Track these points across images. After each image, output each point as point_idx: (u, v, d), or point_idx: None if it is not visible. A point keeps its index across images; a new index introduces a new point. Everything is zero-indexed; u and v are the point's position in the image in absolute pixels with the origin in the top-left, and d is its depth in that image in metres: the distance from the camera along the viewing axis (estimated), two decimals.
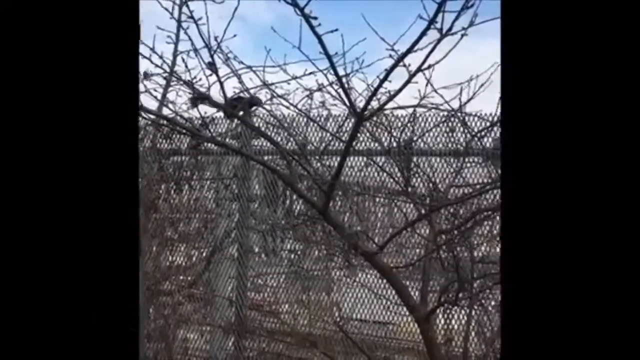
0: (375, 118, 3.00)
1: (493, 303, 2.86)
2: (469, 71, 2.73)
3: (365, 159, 3.29)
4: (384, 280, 2.74)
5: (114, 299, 1.14)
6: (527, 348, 1.11)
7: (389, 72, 1.89)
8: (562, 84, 1.12)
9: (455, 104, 2.83)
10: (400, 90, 2.01)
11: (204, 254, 3.92)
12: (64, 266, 1.13)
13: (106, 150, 1.15)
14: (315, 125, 3.23)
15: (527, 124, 1.13)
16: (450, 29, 1.81)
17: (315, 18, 1.85)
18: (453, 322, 3.21)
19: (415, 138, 3.22)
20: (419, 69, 1.93)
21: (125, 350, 1.14)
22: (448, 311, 3.14)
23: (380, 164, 3.06)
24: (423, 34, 1.73)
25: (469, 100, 2.76)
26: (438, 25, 1.80)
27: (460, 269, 2.28)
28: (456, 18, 1.79)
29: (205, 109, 2.70)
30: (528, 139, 1.13)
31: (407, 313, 2.55)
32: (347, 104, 2.08)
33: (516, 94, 1.14)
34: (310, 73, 2.30)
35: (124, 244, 1.15)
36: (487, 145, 3.04)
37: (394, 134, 2.80)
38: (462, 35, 1.93)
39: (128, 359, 1.15)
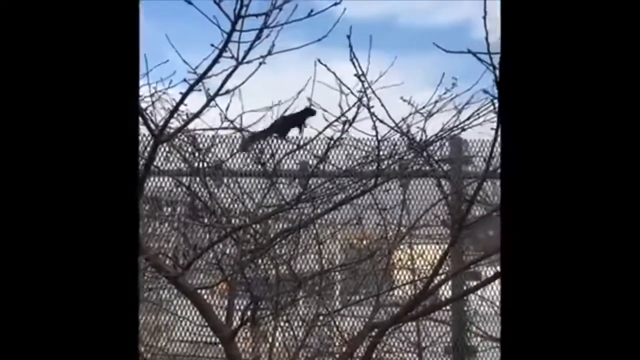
0: (185, 139, 3.01)
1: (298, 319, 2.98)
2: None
3: (172, 180, 3.27)
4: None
5: (113, 303, 1.13)
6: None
7: (184, 95, 1.92)
8: (562, 91, 1.10)
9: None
10: (197, 114, 2.05)
11: None
12: (63, 267, 1.11)
13: (104, 151, 1.14)
14: None
15: (526, 139, 1.10)
16: (244, 57, 1.89)
17: None
18: (261, 340, 3.28)
19: (225, 159, 3.27)
20: (216, 94, 1.99)
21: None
22: (255, 330, 3.21)
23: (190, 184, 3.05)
24: (215, 62, 1.79)
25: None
26: (235, 54, 1.89)
27: (254, 288, 2.36)
28: (249, 48, 1.88)
29: None
30: (528, 150, 1.10)
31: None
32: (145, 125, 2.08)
33: (515, 102, 1.11)
34: None
35: (124, 249, 1.14)
36: (293, 167, 3.18)
37: (201, 155, 2.82)
38: (260, 64, 2.04)
39: None
